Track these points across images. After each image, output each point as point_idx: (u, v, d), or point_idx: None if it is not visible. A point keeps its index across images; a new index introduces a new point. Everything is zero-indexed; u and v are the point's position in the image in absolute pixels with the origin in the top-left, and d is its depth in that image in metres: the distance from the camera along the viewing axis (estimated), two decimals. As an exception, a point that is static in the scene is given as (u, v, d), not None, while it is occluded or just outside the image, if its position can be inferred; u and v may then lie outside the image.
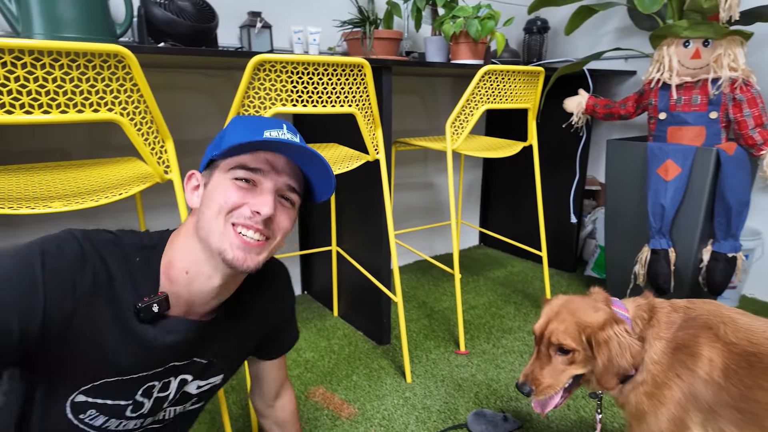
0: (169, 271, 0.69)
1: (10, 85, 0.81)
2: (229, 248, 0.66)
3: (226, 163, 0.69)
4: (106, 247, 0.65)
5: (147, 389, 0.71)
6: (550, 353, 0.91)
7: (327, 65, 1.18)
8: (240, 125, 0.71)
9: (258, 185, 0.68)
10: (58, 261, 0.60)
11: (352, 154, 1.49)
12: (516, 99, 1.64)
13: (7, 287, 0.57)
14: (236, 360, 0.85)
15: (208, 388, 0.81)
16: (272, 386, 0.96)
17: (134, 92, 0.94)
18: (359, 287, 1.78)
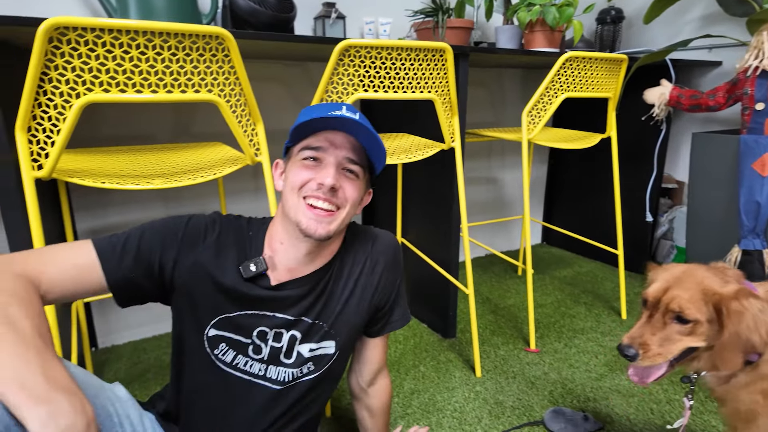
0: (270, 242, 0.82)
1: (125, 65, 0.85)
2: (303, 219, 0.76)
3: (296, 148, 0.80)
4: (230, 222, 0.83)
5: (260, 333, 0.81)
6: (665, 320, 0.82)
7: (410, 50, 1.17)
8: (305, 113, 0.79)
9: (322, 161, 0.78)
10: (196, 223, 0.81)
11: (426, 143, 1.47)
12: (597, 88, 1.57)
13: (157, 233, 0.78)
14: (347, 330, 0.87)
15: (322, 354, 0.85)
16: (371, 368, 0.98)
17: (231, 74, 0.97)
18: (424, 279, 1.76)
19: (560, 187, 2.59)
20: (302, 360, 0.85)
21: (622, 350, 0.83)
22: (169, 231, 0.78)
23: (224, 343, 0.81)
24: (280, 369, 0.84)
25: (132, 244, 0.75)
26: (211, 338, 0.80)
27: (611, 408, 1.31)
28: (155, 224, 0.79)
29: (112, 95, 0.86)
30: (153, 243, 0.76)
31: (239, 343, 0.81)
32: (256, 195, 1.82)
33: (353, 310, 0.88)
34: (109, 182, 0.93)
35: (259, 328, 0.81)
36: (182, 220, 0.80)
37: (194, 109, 1.63)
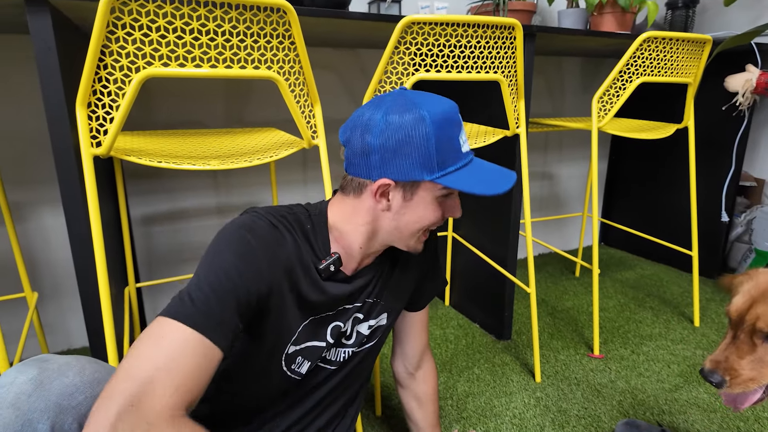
0: (341, 241, 0.76)
1: (186, 37, 0.81)
2: (419, 247, 0.77)
3: (434, 185, 0.71)
4: (285, 219, 0.73)
5: (334, 329, 0.79)
6: (754, 341, 0.74)
7: (477, 26, 1.09)
8: (444, 137, 0.68)
9: (453, 195, 0.75)
10: (262, 237, 0.68)
11: (487, 130, 1.38)
12: (676, 72, 1.43)
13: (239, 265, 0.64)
14: (399, 300, 0.88)
15: (377, 327, 0.86)
16: (415, 348, 0.96)
17: (291, 51, 0.92)
18: (478, 277, 1.67)
19: (622, 183, 2.42)
20: (362, 338, 0.84)
21: (705, 377, 0.76)
22: (249, 263, 0.65)
23: (300, 356, 0.77)
24: (339, 350, 0.83)
25: (227, 302, 0.61)
26: (290, 355, 0.75)
27: (690, 423, 1.18)
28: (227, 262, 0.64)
29: (171, 69, 0.82)
30: (246, 287, 0.64)
31: (314, 349, 0.77)
32: (305, 185, 1.79)
33: (403, 281, 0.88)
34: (165, 162, 0.90)
35: (333, 323, 0.78)
36: (247, 240, 0.66)
37: (246, 96, 1.61)
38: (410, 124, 0.66)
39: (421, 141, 0.66)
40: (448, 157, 0.69)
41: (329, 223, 0.76)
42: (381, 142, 0.67)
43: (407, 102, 0.68)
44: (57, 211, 1.45)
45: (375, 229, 0.75)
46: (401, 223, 0.73)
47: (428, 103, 0.68)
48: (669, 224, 2.19)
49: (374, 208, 0.72)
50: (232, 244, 0.65)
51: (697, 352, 1.50)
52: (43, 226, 1.45)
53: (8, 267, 1.43)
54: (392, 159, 0.67)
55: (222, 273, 0.62)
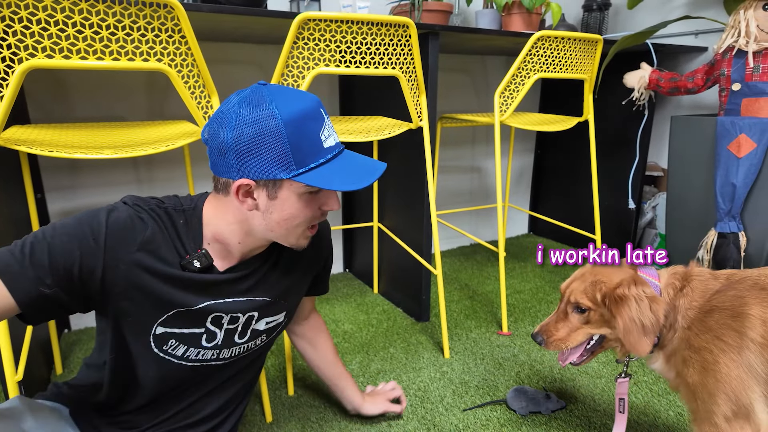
0: (218, 237, 0.77)
1: (68, 30, 0.85)
2: (303, 243, 0.79)
3: (294, 183, 0.70)
4: (154, 211, 0.74)
5: (215, 318, 0.79)
6: (567, 311, 0.92)
7: (372, 24, 1.16)
8: (299, 133, 0.68)
9: (325, 190, 0.75)
10: (118, 221, 0.70)
11: (394, 123, 1.46)
12: (571, 69, 1.56)
13: (72, 238, 0.67)
14: (294, 300, 0.94)
15: (275, 324, 0.90)
16: (305, 309, 1.08)
17: (182, 44, 0.97)
18: (400, 264, 1.75)
19: (547, 176, 2.57)
20: (257, 334, 0.87)
21: (533, 337, 0.95)
22: (86, 235, 0.67)
23: (173, 339, 0.77)
24: (233, 348, 0.85)
25: (41, 256, 0.64)
26: (158, 336, 0.76)
27: (577, 389, 1.29)
28: (66, 227, 0.68)
29: (55, 61, 0.85)
30: (68, 251, 0.66)
31: (191, 335, 0.78)
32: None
33: (299, 285, 0.94)
34: (57, 151, 0.93)
35: (212, 315, 0.79)
36: (99, 219, 0.69)
37: (166, 90, 1.63)
38: (260, 122, 0.66)
39: (274, 139, 0.66)
40: (307, 154, 0.68)
41: (204, 219, 0.76)
42: (234, 140, 0.67)
43: (260, 98, 0.68)
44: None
45: (249, 228, 0.75)
46: (272, 222, 0.73)
47: (282, 99, 0.68)
48: (585, 213, 2.34)
49: (241, 208, 0.72)
50: (83, 216, 0.70)
51: (597, 327, 1.63)
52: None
53: None
54: (247, 158, 0.67)
55: (50, 235, 0.66)
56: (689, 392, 0.82)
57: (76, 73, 1.50)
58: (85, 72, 1.50)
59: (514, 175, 2.58)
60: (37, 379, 1.22)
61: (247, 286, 0.82)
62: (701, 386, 0.78)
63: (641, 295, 0.82)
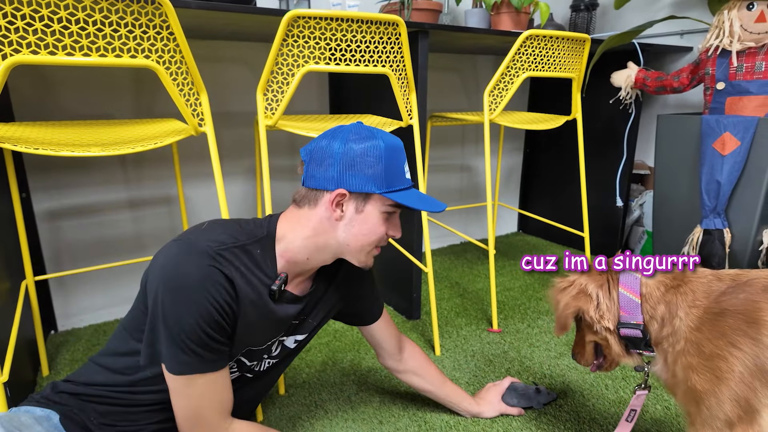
0: (287, 257, 0.84)
1: (54, 26, 0.84)
2: (369, 262, 0.88)
3: (384, 201, 0.83)
4: (233, 254, 0.78)
5: (267, 347, 0.90)
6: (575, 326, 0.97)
7: (361, 21, 1.16)
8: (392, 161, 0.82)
9: (395, 213, 0.87)
10: (213, 291, 0.74)
11: (386, 121, 1.46)
12: (560, 68, 1.57)
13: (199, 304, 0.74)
14: (325, 318, 1.00)
15: (302, 342, 0.98)
16: (391, 342, 1.10)
17: (170, 41, 0.96)
18: (391, 262, 1.75)
19: (536, 175, 2.59)
20: (287, 351, 0.96)
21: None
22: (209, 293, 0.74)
23: (235, 365, 0.88)
24: (263, 362, 0.93)
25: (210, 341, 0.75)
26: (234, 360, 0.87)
27: (566, 384, 1.30)
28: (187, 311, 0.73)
29: (41, 57, 0.84)
30: (208, 314, 0.74)
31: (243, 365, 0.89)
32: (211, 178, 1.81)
33: (333, 303, 0.99)
34: (43, 149, 0.91)
35: (278, 339, 0.91)
36: (201, 289, 0.73)
37: (154, 88, 1.62)
38: (368, 147, 0.80)
39: (375, 161, 0.80)
40: (395, 179, 0.82)
41: (277, 236, 0.84)
42: (342, 153, 0.79)
43: (369, 129, 0.83)
44: None
45: (324, 242, 0.83)
46: (351, 234, 0.82)
47: (383, 133, 0.83)
48: (574, 211, 2.36)
49: (328, 217, 0.82)
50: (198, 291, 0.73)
51: (586, 323, 1.64)
52: None
53: None
54: (349, 171, 0.79)
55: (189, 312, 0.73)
56: (693, 397, 0.78)
57: (62, 70, 1.48)
58: (72, 68, 1.48)
59: (504, 174, 2.60)
60: (23, 380, 1.20)
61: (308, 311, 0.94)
62: (711, 393, 0.75)
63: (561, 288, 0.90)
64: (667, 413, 1.19)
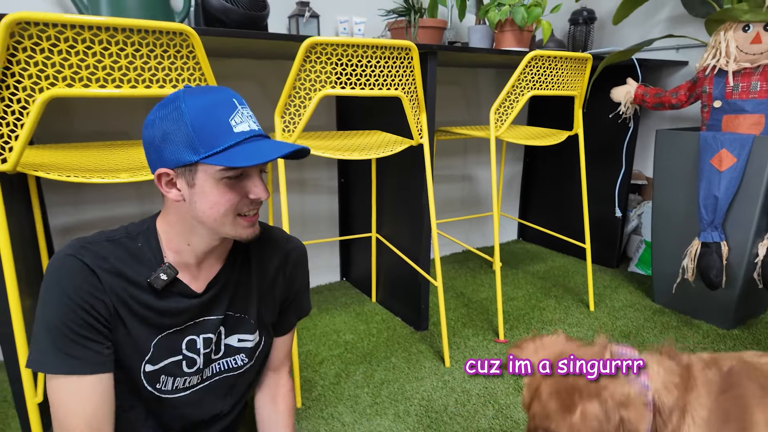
0: (171, 246, 0.78)
1: (88, 60, 0.87)
2: (243, 232, 0.76)
3: (211, 168, 0.71)
4: (102, 247, 0.74)
5: (190, 342, 0.81)
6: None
7: (376, 48, 1.20)
8: (204, 118, 0.70)
9: (246, 175, 0.73)
10: (71, 282, 0.71)
11: (396, 139, 1.51)
12: (562, 86, 1.62)
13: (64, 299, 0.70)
14: (264, 319, 0.90)
15: (252, 345, 0.89)
16: (275, 356, 0.98)
17: (196, 70, 0.99)
18: (398, 274, 1.79)
19: (535, 184, 2.64)
20: (232, 350, 0.86)
21: None
22: (69, 287, 0.70)
23: (163, 374, 0.79)
24: (214, 365, 0.86)
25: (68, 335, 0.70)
26: (149, 374, 0.78)
27: (573, 395, 1.35)
28: (50, 300, 0.70)
29: (75, 90, 0.87)
30: (73, 311, 0.70)
31: (172, 365, 0.80)
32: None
33: (268, 298, 0.90)
34: (74, 176, 0.94)
35: (186, 339, 0.80)
36: (58, 280, 0.70)
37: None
38: (168, 114, 0.70)
39: (178, 125, 0.69)
40: (217, 138, 0.69)
41: (158, 229, 0.78)
42: (150, 135, 0.71)
43: (173, 97, 0.71)
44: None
45: (190, 225, 0.75)
46: (198, 211, 0.73)
47: (191, 94, 0.70)
48: (574, 221, 2.42)
49: (172, 201, 0.74)
50: (48, 291, 0.71)
51: (589, 333, 1.69)
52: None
53: None
54: (162, 148, 0.70)
55: (49, 320, 0.70)
56: None
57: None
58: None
59: (504, 184, 2.65)
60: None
61: (220, 302, 0.83)
62: None
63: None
64: None
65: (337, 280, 2.19)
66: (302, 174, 1.98)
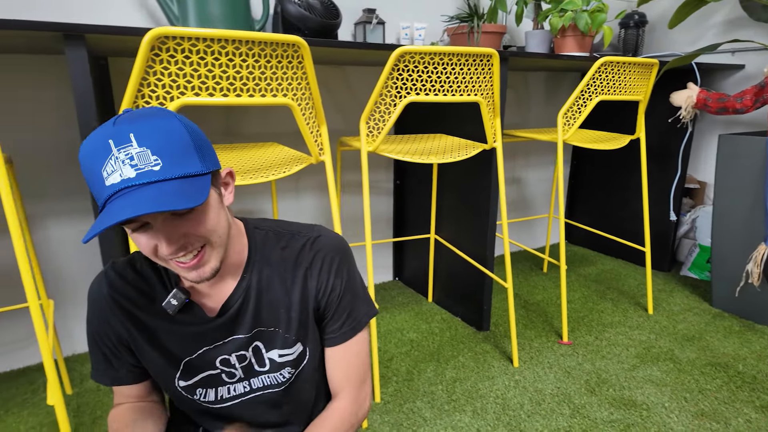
0: None
1: (215, 71, 0.93)
2: (187, 275, 0.66)
3: None
4: (128, 273, 0.73)
5: (223, 360, 0.76)
6: None
7: (460, 55, 1.24)
8: (86, 171, 0.59)
9: (147, 228, 0.61)
10: (92, 308, 0.74)
11: (467, 143, 1.54)
12: (629, 91, 1.64)
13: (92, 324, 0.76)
14: (301, 329, 0.78)
15: (295, 357, 0.79)
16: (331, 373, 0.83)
17: (303, 80, 1.05)
18: (458, 274, 1.83)
19: (582, 186, 2.65)
20: (277, 365, 0.79)
21: None
22: (95, 317, 0.74)
23: (199, 388, 0.77)
24: (262, 377, 0.79)
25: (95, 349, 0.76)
26: (185, 388, 0.77)
27: (647, 396, 1.37)
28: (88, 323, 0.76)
29: (202, 98, 0.93)
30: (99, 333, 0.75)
31: (210, 378, 0.77)
32: (297, 194, 1.90)
33: (302, 310, 0.78)
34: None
35: (219, 358, 0.76)
36: (89, 304, 0.75)
37: (245, 111, 1.71)
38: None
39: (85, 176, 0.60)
40: (98, 196, 0.59)
41: None
42: None
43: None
44: (62, 222, 1.51)
45: None
46: None
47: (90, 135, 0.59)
48: (624, 223, 2.42)
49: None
50: (88, 307, 0.77)
51: (651, 336, 1.71)
52: (47, 237, 1.51)
53: (9, 276, 1.48)
54: None
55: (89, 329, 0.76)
56: None
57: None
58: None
59: (551, 186, 2.66)
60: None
61: (238, 324, 0.76)
62: None
63: None
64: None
65: (389, 279, 2.23)
66: (360, 176, 2.03)
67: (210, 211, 0.64)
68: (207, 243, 0.64)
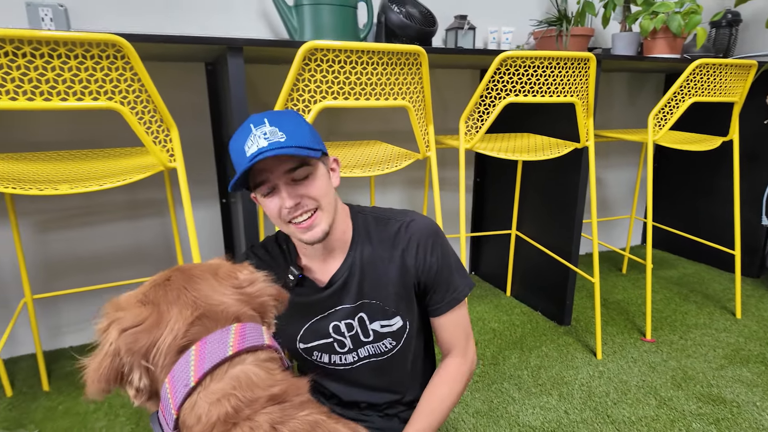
0: (299, 250, 0.91)
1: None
2: (301, 236, 0.82)
3: (252, 191, 0.84)
4: (260, 251, 0.93)
5: (335, 327, 0.90)
6: None
7: (560, 59, 1.32)
8: (232, 150, 0.80)
9: (274, 189, 0.80)
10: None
11: (557, 142, 1.61)
12: (724, 92, 1.64)
13: None
14: (402, 305, 0.90)
15: (397, 329, 0.91)
16: (440, 339, 0.97)
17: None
18: (540, 270, 1.90)
19: (664, 188, 2.61)
20: (379, 335, 0.91)
21: None
22: None
23: (316, 351, 0.93)
24: (367, 347, 0.92)
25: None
26: (304, 350, 0.93)
27: (736, 395, 1.38)
28: None
29: (339, 101, 1.08)
30: None
31: (325, 345, 0.92)
32: (384, 188, 2.04)
33: (401, 286, 0.90)
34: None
35: (330, 325, 0.90)
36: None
37: (347, 112, 1.87)
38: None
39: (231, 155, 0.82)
40: (238, 167, 0.78)
41: (295, 243, 0.91)
42: None
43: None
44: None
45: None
46: (271, 220, 0.84)
47: (240, 127, 0.81)
48: (709, 226, 2.37)
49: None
50: None
51: (740, 339, 1.69)
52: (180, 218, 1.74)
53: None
54: None
55: None
56: None
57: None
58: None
59: (630, 188, 2.64)
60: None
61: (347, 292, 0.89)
62: None
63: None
64: None
65: (466, 273, 2.32)
66: (443, 173, 2.15)
67: (321, 178, 0.82)
68: (318, 207, 0.81)
